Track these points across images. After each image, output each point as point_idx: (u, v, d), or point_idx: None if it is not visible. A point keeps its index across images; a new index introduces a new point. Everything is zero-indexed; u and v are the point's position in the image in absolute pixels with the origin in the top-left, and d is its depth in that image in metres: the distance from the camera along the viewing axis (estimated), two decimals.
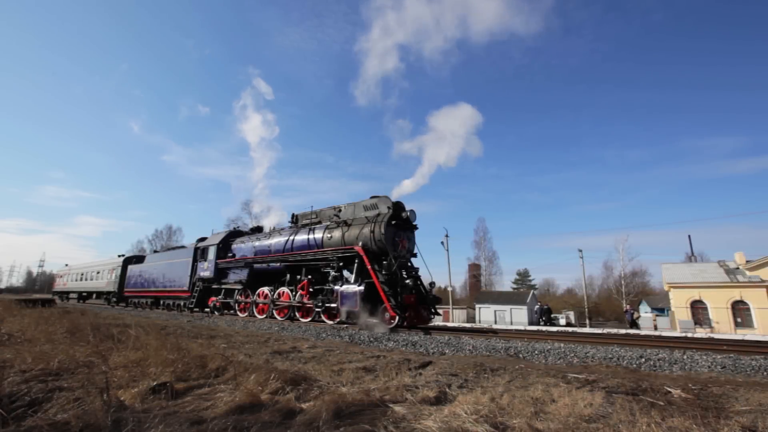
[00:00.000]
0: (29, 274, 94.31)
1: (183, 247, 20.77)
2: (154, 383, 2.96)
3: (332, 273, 11.23)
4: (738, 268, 24.84)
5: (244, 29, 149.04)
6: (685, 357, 5.38)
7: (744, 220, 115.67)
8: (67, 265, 35.07)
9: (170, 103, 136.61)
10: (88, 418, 2.17)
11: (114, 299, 24.76)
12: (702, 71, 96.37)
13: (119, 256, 26.18)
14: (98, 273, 27.48)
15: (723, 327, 22.97)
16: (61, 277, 34.67)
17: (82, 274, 30.04)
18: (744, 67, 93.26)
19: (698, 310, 24.47)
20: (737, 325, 23.07)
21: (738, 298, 23.42)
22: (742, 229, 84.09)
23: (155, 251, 28.32)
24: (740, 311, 23.41)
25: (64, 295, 32.62)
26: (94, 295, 28.82)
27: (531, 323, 30.19)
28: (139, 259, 24.49)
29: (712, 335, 13.75)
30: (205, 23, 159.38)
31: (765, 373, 4.47)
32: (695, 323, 23.33)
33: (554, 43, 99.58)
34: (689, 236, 34.34)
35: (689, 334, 13.65)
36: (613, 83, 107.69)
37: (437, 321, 14.28)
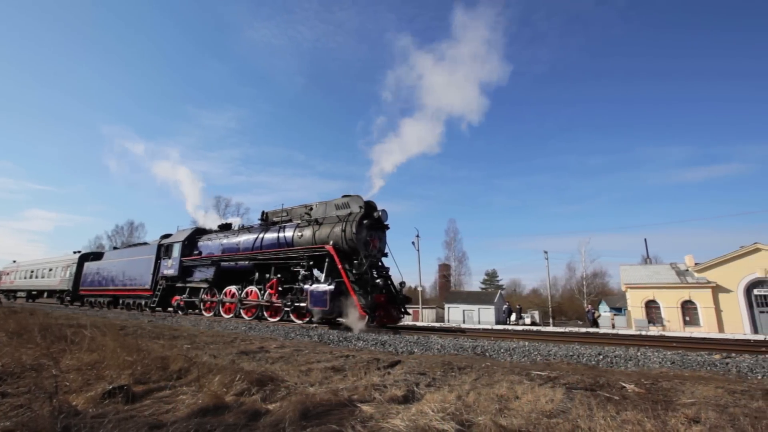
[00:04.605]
0: None
1: (146, 243, 19.94)
2: (110, 386, 2.81)
3: (302, 272, 11.08)
4: (687, 270, 26.51)
5: (212, 22, 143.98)
6: (639, 354, 5.69)
7: (694, 225, 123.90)
8: (14, 261, 32.86)
9: (133, 94, 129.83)
10: (35, 425, 2.04)
11: (68, 298, 23.43)
12: (657, 82, 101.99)
13: (75, 252, 24.82)
14: (50, 270, 25.91)
15: (673, 325, 24.47)
16: (7, 274, 32.36)
17: (32, 272, 28.22)
18: (693, 82, 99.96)
19: (652, 309, 25.95)
20: (686, 323, 24.64)
21: (687, 298, 25.01)
22: (692, 233, 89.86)
23: (115, 248, 27.03)
24: (689, 310, 25.01)
25: (11, 293, 30.52)
26: (45, 294, 27.19)
27: (498, 322, 31.00)
28: (96, 255, 23.33)
29: (663, 333, 14.63)
30: (172, 14, 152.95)
31: (709, 368, 4.80)
32: (649, 322, 24.71)
33: (521, 51, 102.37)
34: (645, 240, 36.53)
35: (643, 332, 14.46)
36: (575, 91, 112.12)
37: (407, 320, 14.40)
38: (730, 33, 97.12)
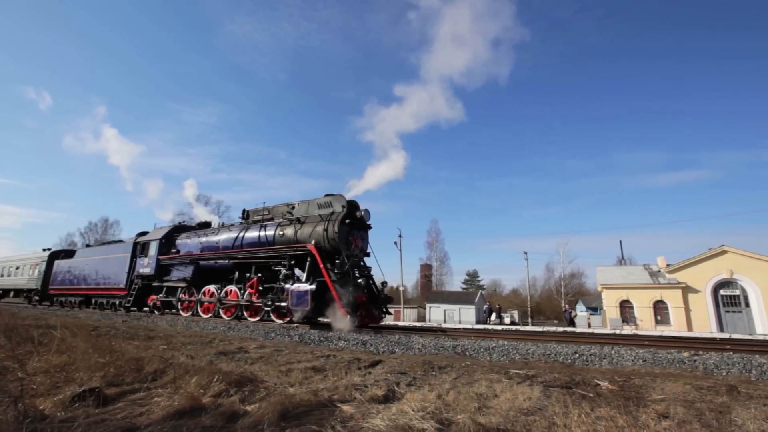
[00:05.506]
0: None
1: (121, 241, 19.32)
2: (80, 389, 2.71)
3: (283, 271, 10.96)
4: (659, 271, 27.47)
5: (192, 15, 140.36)
6: (612, 352, 5.86)
7: (667, 228, 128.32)
8: None
9: (107, 88, 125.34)
10: None
11: (36, 298, 22.51)
12: (632, 89, 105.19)
13: (44, 250, 23.88)
14: (18, 268, 24.84)
15: (646, 324, 25.31)
16: None
17: None
18: (667, 90, 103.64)
19: (626, 309, 26.77)
20: (657, 322, 25.52)
21: (659, 298, 25.91)
22: (665, 236, 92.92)
23: (88, 245, 26.05)
24: (660, 310, 25.92)
25: None
26: (12, 293, 26.05)
27: (478, 322, 31.41)
28: (68, 253, 22.48)
29: (636, 332, 15.13)
30: (150, 5, 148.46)
31: (678, 365, 4.99)
32: (623, 321, 25.51)
33: (504, 56, 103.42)
34: (620, 241, 37.70)
35: (617, 331, 14.93)
36: (556, 95, 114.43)
37: (388, 320, 14.42)
38: (704, 40, 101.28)
